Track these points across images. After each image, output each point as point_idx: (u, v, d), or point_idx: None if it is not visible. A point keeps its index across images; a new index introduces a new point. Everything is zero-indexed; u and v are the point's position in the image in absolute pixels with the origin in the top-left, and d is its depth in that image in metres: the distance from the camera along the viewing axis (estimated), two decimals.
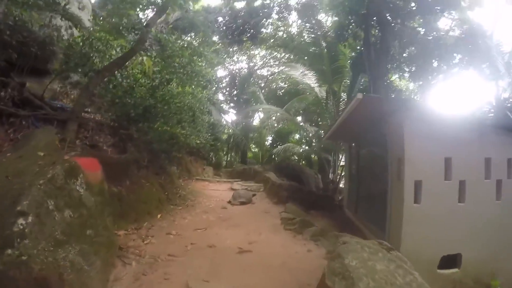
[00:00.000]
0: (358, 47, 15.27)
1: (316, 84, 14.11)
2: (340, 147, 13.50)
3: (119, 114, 7.92)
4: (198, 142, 12.03)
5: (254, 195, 10.50)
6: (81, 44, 6.94)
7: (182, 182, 12.26)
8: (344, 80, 13.13)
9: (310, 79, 14.17)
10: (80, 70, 7.10)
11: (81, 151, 5.69)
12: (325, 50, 12.19)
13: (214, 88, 18.07)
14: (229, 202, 9.69)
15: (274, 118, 16.09)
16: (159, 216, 6.91)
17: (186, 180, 13.61)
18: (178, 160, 14.28)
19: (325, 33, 12.51)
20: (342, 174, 14.37)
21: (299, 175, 15.75)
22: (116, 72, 7.24)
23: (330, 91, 12.89)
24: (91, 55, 6.94)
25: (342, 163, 14.37)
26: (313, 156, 20.13)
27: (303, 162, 19.59)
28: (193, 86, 12.37)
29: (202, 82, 12.65)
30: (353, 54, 13.88)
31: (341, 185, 14.16)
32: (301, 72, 14.27)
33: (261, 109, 16.72)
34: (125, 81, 7.62)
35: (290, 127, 18.22)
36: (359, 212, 8.42)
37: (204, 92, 13.42)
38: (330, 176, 13.79)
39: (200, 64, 10.77)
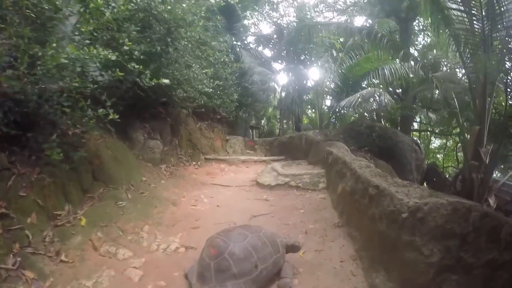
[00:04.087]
0: None
1: None
2: None
3: None
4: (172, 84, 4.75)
5: (306, 231, 2.86)
6: None
7: (148, 176, 5.12)
8: None
9: None
10: None
11: None
12: None
13: None
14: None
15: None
16: None
17: (177, 165, 6.52)
18: (172, 127, 7.21)
19: None
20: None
21: (391, 148, 7.66)
22: None
23: None
24: None
25: None
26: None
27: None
28: None
29: None
30: None
31: None
32: None
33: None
34: None
35: (368, 64, 9.60)
36: None
37: None
38: (467, 158, 5.63)
39: None
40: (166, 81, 4.34)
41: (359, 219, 2.86)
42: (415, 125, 14.94)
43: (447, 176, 10.14)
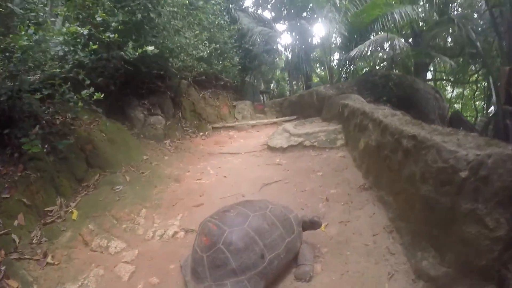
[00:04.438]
0: None
1: None
2: None
3: None
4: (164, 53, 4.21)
5: None
6: None
7: (150, 154, 4.72)
8: None
9: None
10: None
11: None
12: None
13: None
14: None
15: None
16: None
17: (182, 138, 6.12)
18: (173, 99, 6.71)
19: None
20: None
21: (410, 97, 6.91)
22: None
23: None
24: None
25: None
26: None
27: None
28: None
29: None
30: None
31: None
32: None
33: None
34: None
35: (376, 10, 8.39)
36: None
37: None
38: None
39: None
40: (151, 48, 3.80)
41: (391, 180, 2.28)
42: (429, 75, 13.89)
43: None
